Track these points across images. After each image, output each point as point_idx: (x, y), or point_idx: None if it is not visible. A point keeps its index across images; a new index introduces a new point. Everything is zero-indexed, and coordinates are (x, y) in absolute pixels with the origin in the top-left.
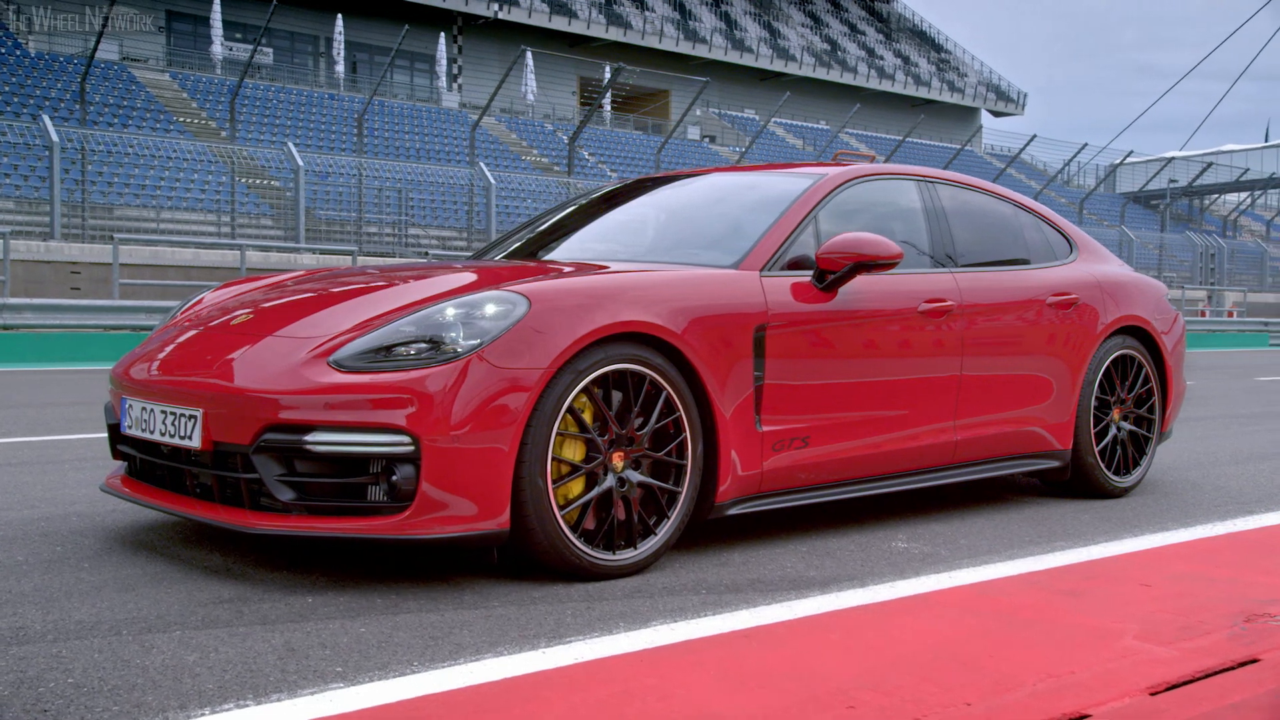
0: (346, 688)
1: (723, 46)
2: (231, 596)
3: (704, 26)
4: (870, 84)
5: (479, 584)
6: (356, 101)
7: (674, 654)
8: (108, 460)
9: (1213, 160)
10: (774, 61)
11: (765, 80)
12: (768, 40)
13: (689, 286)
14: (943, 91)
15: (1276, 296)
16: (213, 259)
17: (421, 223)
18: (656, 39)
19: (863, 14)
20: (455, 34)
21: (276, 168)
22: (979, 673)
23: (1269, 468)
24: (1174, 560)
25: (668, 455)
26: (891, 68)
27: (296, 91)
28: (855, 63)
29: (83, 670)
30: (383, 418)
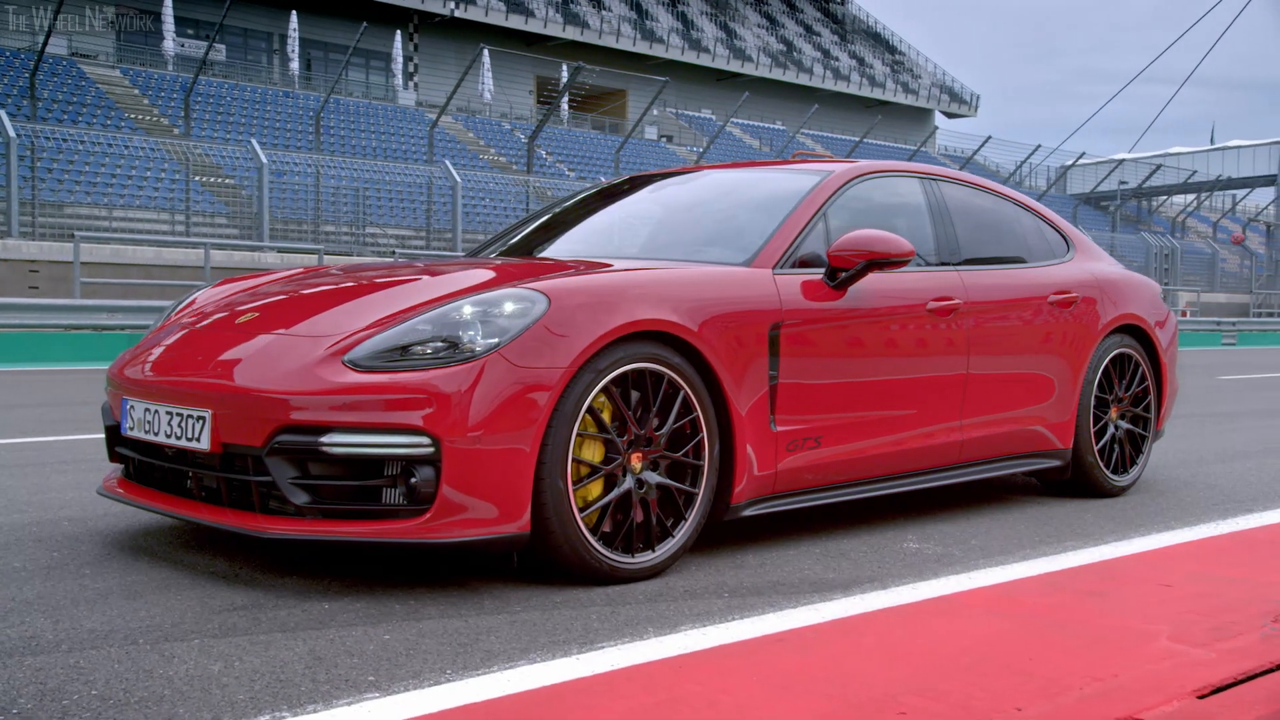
0: (382, 697)
1: (680, 46)
2: (245, 603)
3: (661, 26)
4: (826, 85)
5: (496, 588)
6: (312, 99)
7: (710, 659)
8: (91, 462)
9: (1161, 162)
10: (730, 62)
11: (722, 80)
12: (724, 41)
13: (706, 284)
14: (897, 93)
15: (1227, 296)
16: (175, 258)
17: (379, 222)
18: (614, 39)
19: (818, 15)
20: (411, 32)
21: (232, 165)
22: (1024, 677)
23: (1254, 465)
24: (1187, 560)
25: (685, 456)
26: (847, 69)
27: (251, 89)
28: (811, 64)
29: (105, 681)
30: (402, 418)
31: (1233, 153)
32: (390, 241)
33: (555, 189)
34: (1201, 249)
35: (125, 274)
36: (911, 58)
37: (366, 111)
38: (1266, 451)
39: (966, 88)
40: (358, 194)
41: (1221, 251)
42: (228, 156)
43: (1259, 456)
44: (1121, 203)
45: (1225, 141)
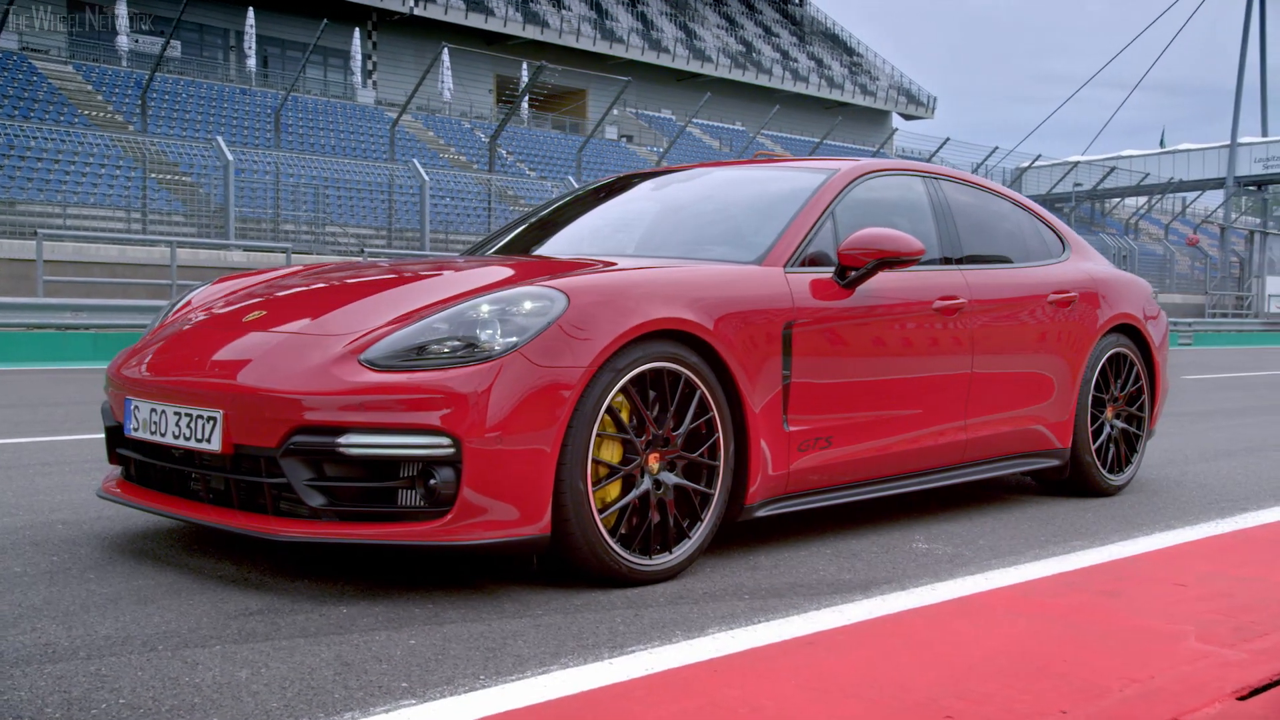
0: (419, 704)
1: (640, 46)
2: (260, 608)
3: (621, 26)
4: (785, 86)
5: (514, 591)
6: (270, 97)
7: (743, 663)
8: (74, 464)
9: (1115, 165)
10: (690, 62)
11: (682, 81)
12: (684, 41)
13: (721, 283)
14: (855, 94)
15: (1183, 297)
16: (139, 256)
17: (340, 221)
18: (574, 38)
19: (776, 16)
20: (370, 30)
21: (189, 163)
22: (1061, 679)
23: (1239, 465)
24: (1195, 560)
25: (701, 457)
26: (805, 70)
27: (208, 86)
28: (770, 65)
29: (131, 690)
30: (421, 419)
31: (1183, 156)
32: (351, 241)
33: (515, 188)
34: (1155, 250)
35: (88, 272)
36: (869, 59)
37: (325, 109)
38: (1247, 451)
39: (924, 90)
40: (317, 192)
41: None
42: (185, 154)
43: (1241, 456)
44: (1076, 204)
45: (1175, 145)
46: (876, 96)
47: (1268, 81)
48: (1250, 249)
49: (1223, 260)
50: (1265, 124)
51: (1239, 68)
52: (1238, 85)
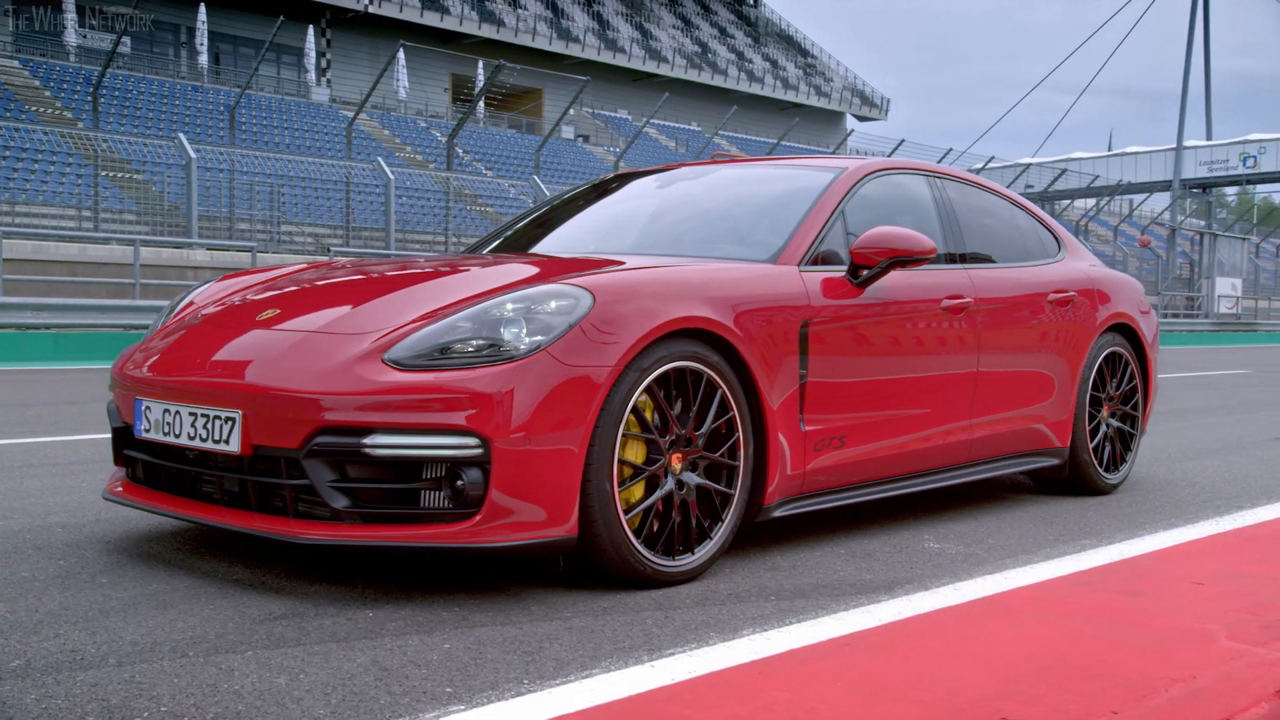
0: (467, 710)
1: (596, 46)
2: (284, 612)
3: (577, 26)
4: (740, 87)
5: (538, 593)
6: (222, 94)
7: (784, 665)
8: (59, 465)
9: (1066, 167)
10: (646, 62)
11: (638, 81)
12: (640, 41)
13: (741, 281)
14: (810, 96)
15: None
16: (100, 254)
17: (296, 219)
18: (530, 37)
19: (731, 17)
20: (324, 27)
21: (140, 160)
22: (1105, 680)
23: (1222, 463)
24: (1205, 558)
25: (722, 456)
26: (760, 71)
27: (159, 82)
28: (726, 65)
29: (170, 697)
30: (449, 419)
31: (1130, 158)
32: (307, 240)
33: (473, 187)
34: (1105, 252)
35: (47, 271)
36: (823, 61)
37: (279, 107)
38: (1227, 450)
39: (877, 91)
40: (273, 190)
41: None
42: (137, 151)
43: (1222, 454)
44: None
45: (1123, 148)
46: (831, 98)
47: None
48: (1200, 250)
49: (1171, 261)
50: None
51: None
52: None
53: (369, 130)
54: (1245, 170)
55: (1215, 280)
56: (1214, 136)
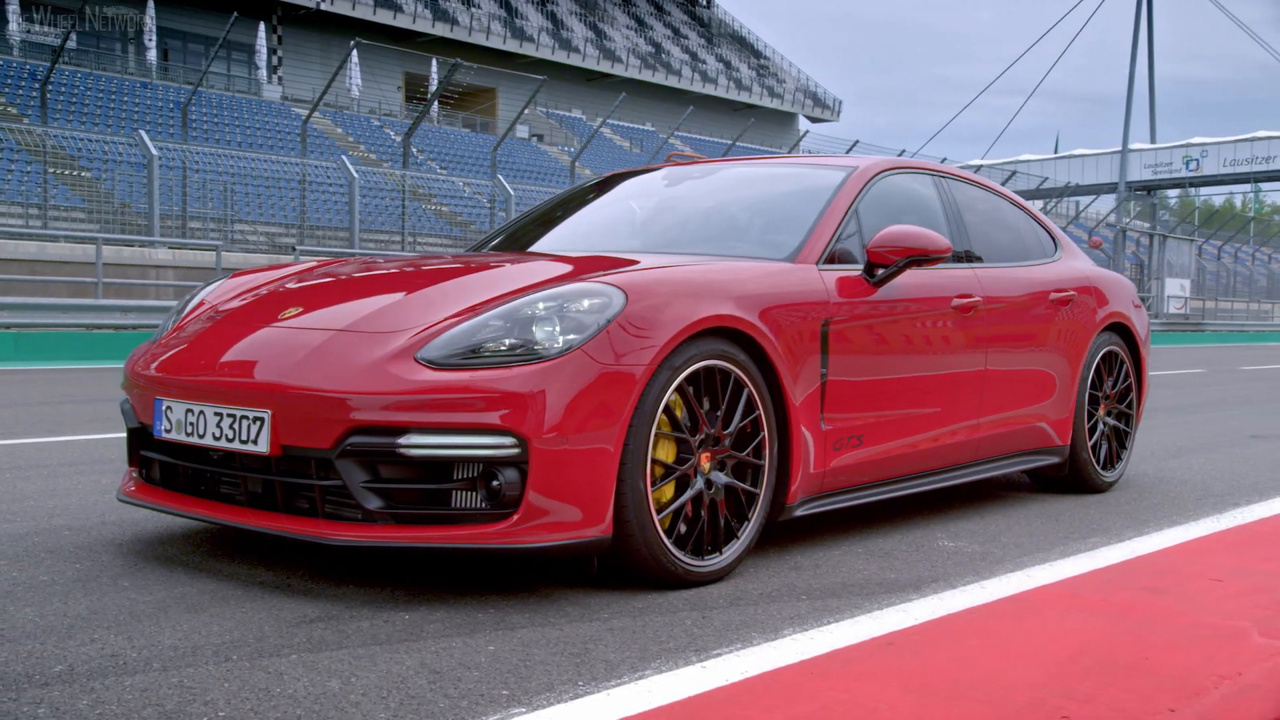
0: (529, 712)
1: (550, 46)
2: (318, 615)
3: (531, 25)
4: (694, 87)
5: (571, 594)
6: (172, 90)
7: (833, 665)
8: (52, 468)
9: (1015, 169)
10: (601, 62)
11: (592, 81)
12: (594, 41)
13: (765, 280)
14: (763, 97)
15: None
16: (60, 252)
17: (249, 218)
18: (483, 36)
19: (684, 18)
20: (275, 24)
21: (89, 158)
22: (1151, 677)
23: (1206, 461)
24: (1216, 555)
25: (748, 455)
26: (714, 72)
27: (106, 78)
28: (679, 66)
29: (225, 702)
30: (486, 419)
31: (1077, 161)
32: (260, 239)
33: (428, 186)
34: None
35: (5, 269)
36: (776, 62)
37: (230, 105)
38: (1206, 448)
39: (829, 92)
40: (225, 189)
41: None
42: (85, 148)
43: (1203, 452)
44: None
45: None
46: (783, 99)
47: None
48: (1150, 252)
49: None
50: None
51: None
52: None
53: (322, 128)
54: (1188, 173)
55: (1165, 281)
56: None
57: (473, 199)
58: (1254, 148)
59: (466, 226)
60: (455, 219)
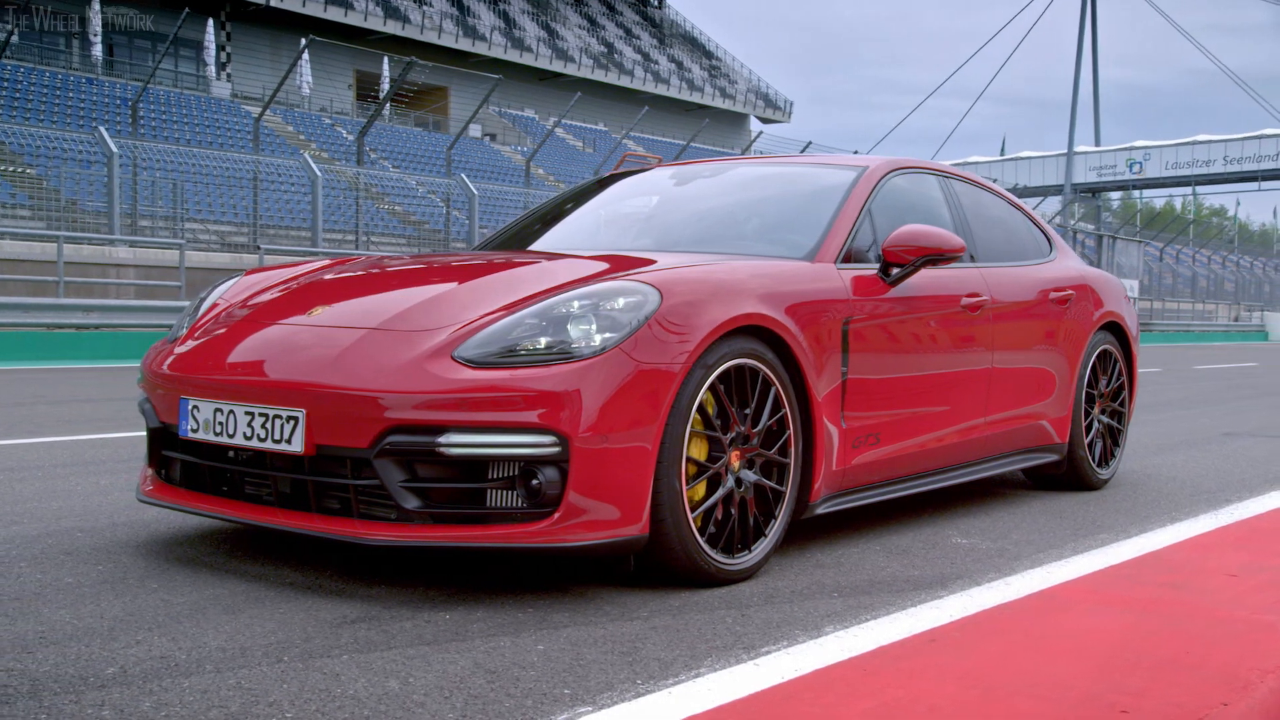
0: (596, 711)
1: (502, 45)
2: (357, 615)
3: (483, 24)
4: (647, 88)
5: (604, 592)
6: (118, 86)
7: (885, 662)
8: (46, 469)
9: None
10: (553, 62)
11: (544, 80)
12: (546, 40)
13: (791, 279)
14: (715, 97)
15: None
16: (16, 250)
17: (200, 216)
18: (435, 35)
19: (636, 18)
20: (223, 20)
21: (33, 154)
22: (1196, 671)
23: (1188, 458)
24: (1225, 550)
25: (775, 454)
26: (666, 72)
27: (50, 74)
28: (632, 66)
29: (290, 703)
30: (527, 417)
31: (1024, 163)
32: (212, 237)
33: (380, 185)
34: None
35: None
36: (727, 63)
37: (179, 102)
38: (1184, 445)
39: (780, 94)
40: (175, 187)
41: None
42: (28, 143)
43: (1182, 450)
44: None
45: (1016, 152)
46: (735, 100)
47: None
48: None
49: None
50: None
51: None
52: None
53: (272, 126)
54: (1131, 175)
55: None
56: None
57: (426, 198)
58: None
59: (420, 226)
60: (409, 218)
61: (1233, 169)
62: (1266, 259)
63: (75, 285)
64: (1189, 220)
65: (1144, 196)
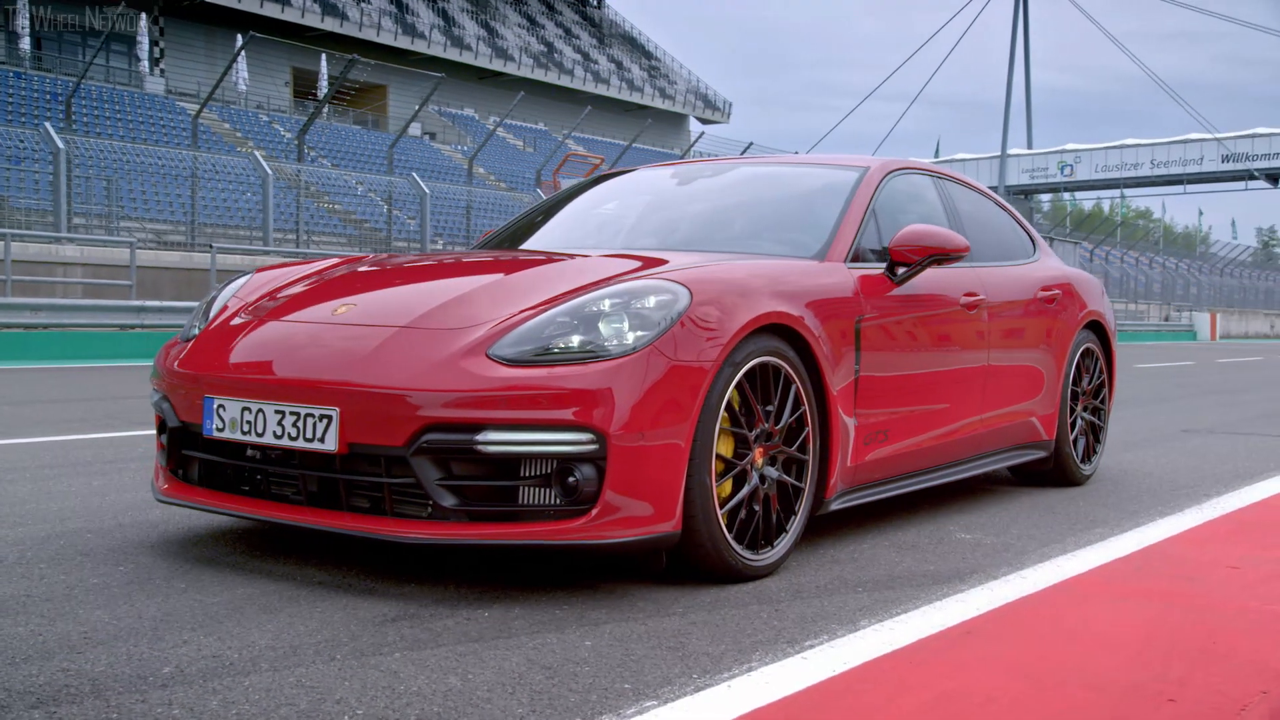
0: (660, 706)
1: (442, 43)
2: (396, 614)
3: (423, 22)
4: (587, 88)
5: (633, 590)
6: (46, 81)
7: (928, 654)
8: (31, 469)
9: None
10: (493, 61)
11: (484, 79)
12: (486, 39)
13: (808, 278)
14: (655, 98)
15: None
16: None
17: (134, 215)
18: (374, 32)
19: (576, 18)
20: (157, 15)
21: None
22: (1229, 661)
23: (1156, 454)
24: (1220, 544)
25: (796, 451)
26: (606, 72)
27: None
28: (572, 66)
29: (357, 700)
30: (564, 415)
31: (959, 165)
32: (147, 236)
33: (320, 183)
34: None
35: None
36: (667, 64)
37: (111, 98)
38: (1149, 442)
39: (719, 95)
40: (109, 185)
41: None
42: None
43: (1149, 447)
44: None
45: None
46: (675, 100)
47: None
48: None
49: None
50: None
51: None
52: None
53: (208, 123)
54: (1063, 178)
55: None
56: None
57: (366, 197)
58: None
59: (361, 225)
60: (350, 217)
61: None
62: (1190, 260)
63: (20, 284)
64: (1117, 223)
65: (1074, 199)
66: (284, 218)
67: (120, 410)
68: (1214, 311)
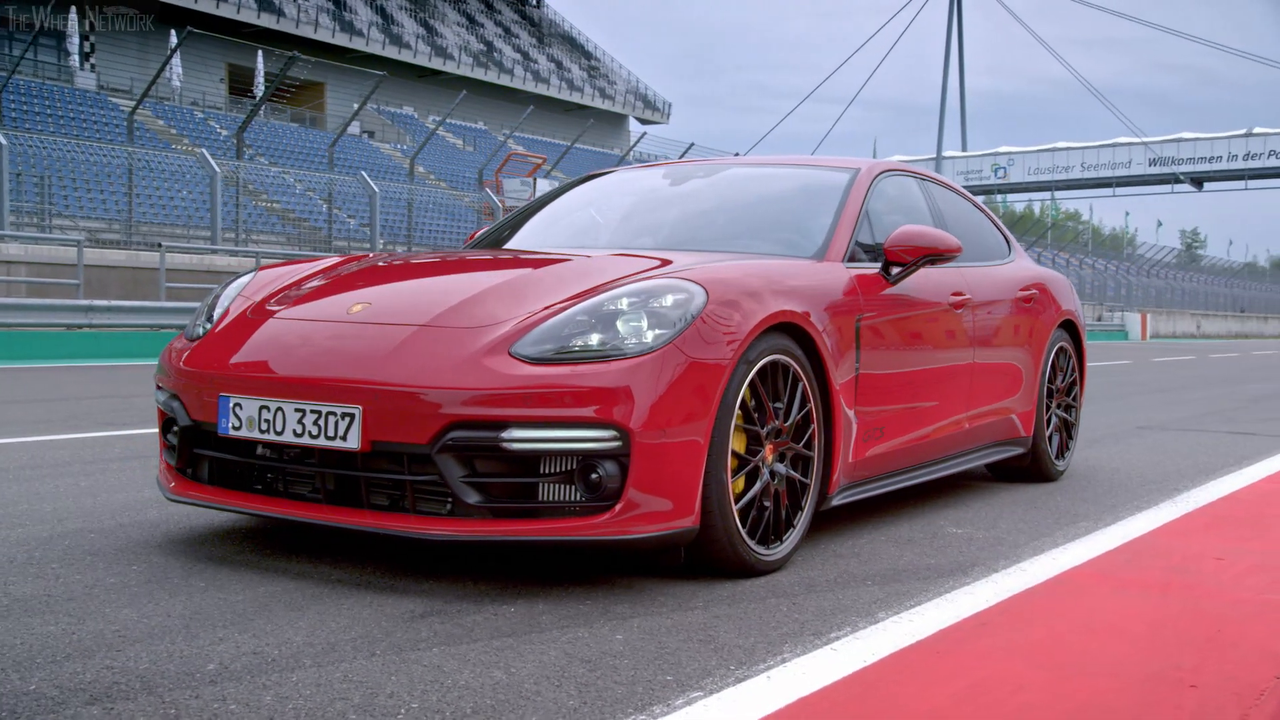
0: (707, 697)
1: (380, 41)
2: (424, 610)
3: (361, 19)
4: (527, 87)
5: (649, 585)
6: None
7: (950, 645)
8: (12, 470)
9: None
10: (433, 59)
11: (423, 78)
12: (425, 38)
13: (812, 278)
14: (595, 98)
15: None
16: None
17: (68, 213)
18: (311, 29)
19: (515, 17)
20: (86, 9)
21: None
22: (1236, 648)
23: (1118, 451)
24: (1200, 536)
25: (803, 447)
26: (546, 72)
27: None
28: (512, 65)
29: (408, 693)
30: (589, 412)
31: None
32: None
33: (258, 181)
34: None
35: None
36: (606, 64)
37: (42, 93)
38: (1112, 439)
39: (659, 95)
40: (43, 181)
41: None
42: None
43: (1109, 443)
44: None
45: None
46: (615, 100)
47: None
48: None
49: None
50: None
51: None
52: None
53: (141, 120)
54: (996, 180)
55: None
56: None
57: (305, 196)
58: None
59: (301, 224)
60: (289, 216)
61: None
62: (1118, 261)
63: None
64: (1048, 225)
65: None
66: (225, 215)
67: (82, 411)
68: (1144, 312)
